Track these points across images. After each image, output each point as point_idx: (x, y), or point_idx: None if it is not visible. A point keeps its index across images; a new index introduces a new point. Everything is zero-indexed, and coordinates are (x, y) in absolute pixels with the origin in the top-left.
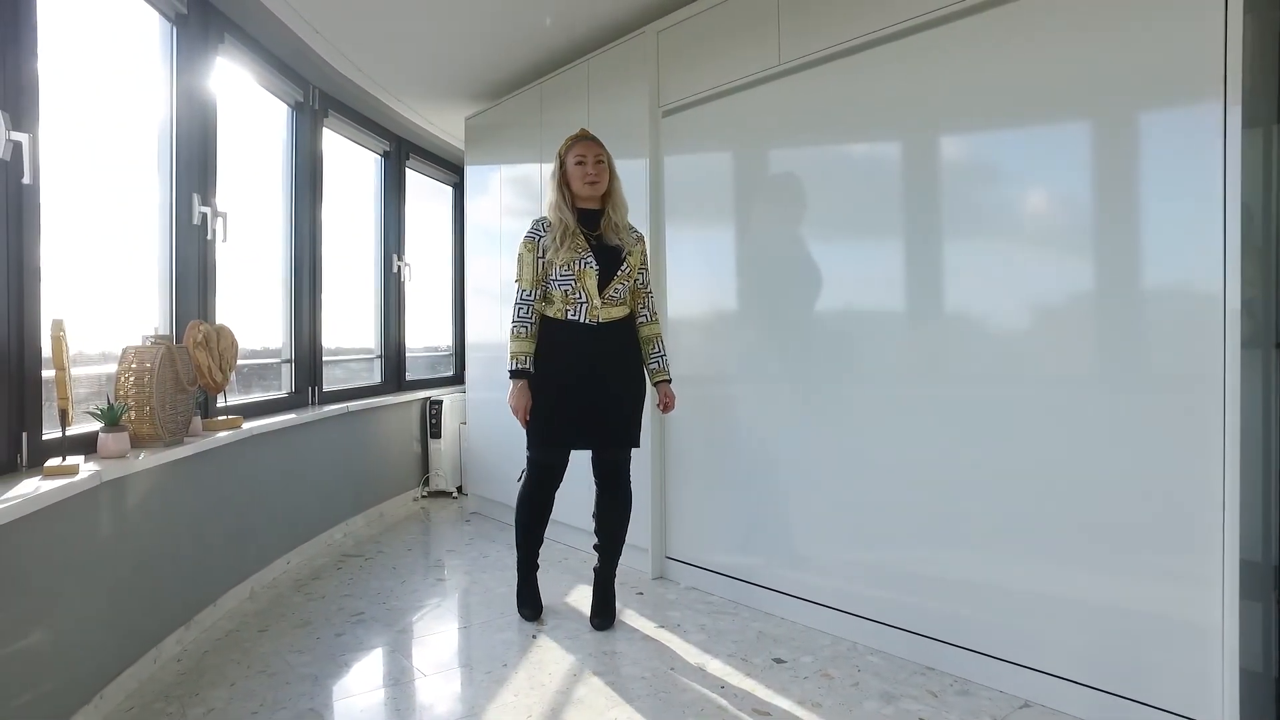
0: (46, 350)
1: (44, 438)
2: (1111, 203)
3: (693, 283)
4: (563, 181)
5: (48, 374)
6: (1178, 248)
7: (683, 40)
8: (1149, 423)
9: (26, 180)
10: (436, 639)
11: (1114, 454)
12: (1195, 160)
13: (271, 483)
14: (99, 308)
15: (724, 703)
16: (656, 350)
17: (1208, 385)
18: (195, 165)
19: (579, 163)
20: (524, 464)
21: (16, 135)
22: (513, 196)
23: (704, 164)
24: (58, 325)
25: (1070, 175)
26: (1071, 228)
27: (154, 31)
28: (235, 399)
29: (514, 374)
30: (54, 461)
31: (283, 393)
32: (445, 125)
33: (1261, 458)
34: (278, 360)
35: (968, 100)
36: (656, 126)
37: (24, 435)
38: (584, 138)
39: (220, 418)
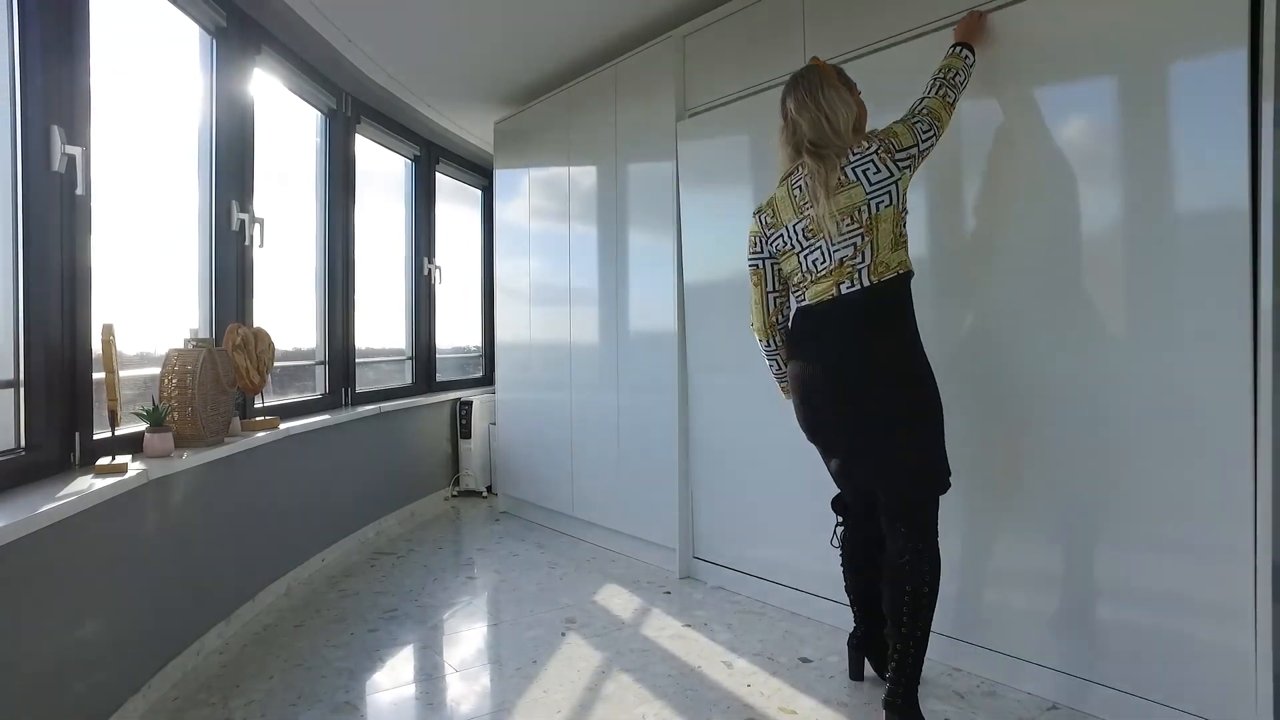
0: (95, 353)
1: (94, 437)
2: (1145, 200)
3: (718, 280)
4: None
5: (96, 376)
6: (1212, 248)
7: (708, 44)
8: (1179, 425)
9: (79, 191)
10: (467, 635)
11: (1143, 457)
12: (1228, 157)
13: (307, 482)
14: (141, 311)
15: (750, 701)
16: None
17: (1238, 387)
18: (234, 172)
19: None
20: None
21: (70, 149)
22: (541, 199)
23: (730, 166)
24: (108, 330)
25: (1101, 172)
26: (1106, 226)
27: (194, 44)
28: (272, 400)
29: None
30: (104, 460)
31: (317, 394)
32: (474, 130)
33: None
34: (312, 362)
35: (994, 106)
36: (683, 130)
37: (76, 435)
38: None
39: (258, 418)
